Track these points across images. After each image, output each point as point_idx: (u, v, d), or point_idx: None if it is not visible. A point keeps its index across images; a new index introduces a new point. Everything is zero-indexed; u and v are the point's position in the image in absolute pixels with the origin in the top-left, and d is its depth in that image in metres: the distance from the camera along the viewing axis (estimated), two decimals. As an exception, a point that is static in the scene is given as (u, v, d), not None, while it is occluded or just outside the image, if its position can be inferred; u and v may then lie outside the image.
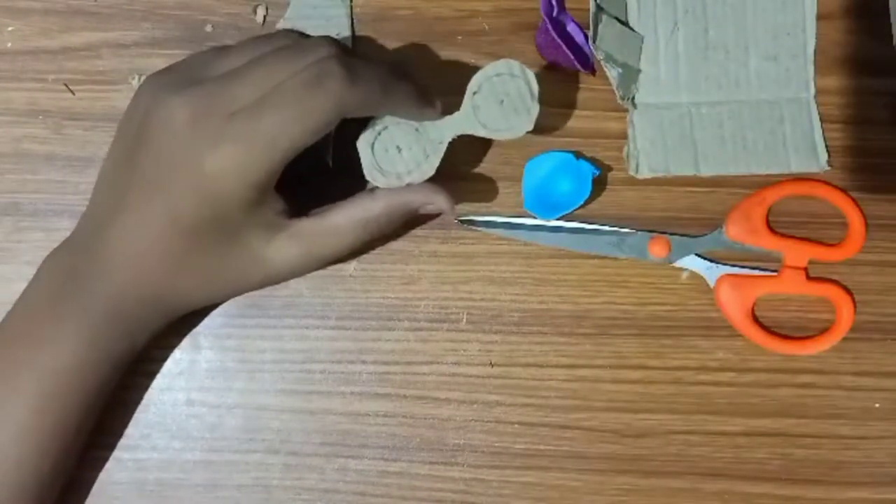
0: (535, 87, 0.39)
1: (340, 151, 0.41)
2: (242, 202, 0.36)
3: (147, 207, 0.37)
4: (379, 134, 0.39)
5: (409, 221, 0.42)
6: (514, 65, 0.39)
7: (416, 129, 0.39)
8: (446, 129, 0.39)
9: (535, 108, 0.39)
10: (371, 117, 0.39)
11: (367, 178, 0.39)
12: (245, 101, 0.35)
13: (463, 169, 0.44)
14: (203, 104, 0.35)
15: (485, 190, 0.44)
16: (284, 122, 0.35)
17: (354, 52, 0.44)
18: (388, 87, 0.37)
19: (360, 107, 0.37)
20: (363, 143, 0.39)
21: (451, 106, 0.39)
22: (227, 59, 0.38)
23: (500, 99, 0.39)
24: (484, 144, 0.43)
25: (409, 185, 0.40)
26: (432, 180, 0.40)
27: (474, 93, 0.39)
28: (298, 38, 0.40)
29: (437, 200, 0.40)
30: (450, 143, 0.39)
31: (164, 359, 0.42)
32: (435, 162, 0.39)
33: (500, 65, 0.39)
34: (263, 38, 0.39)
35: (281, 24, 0.44)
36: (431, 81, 0.43)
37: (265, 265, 0.39)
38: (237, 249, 0.38)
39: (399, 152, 0.39)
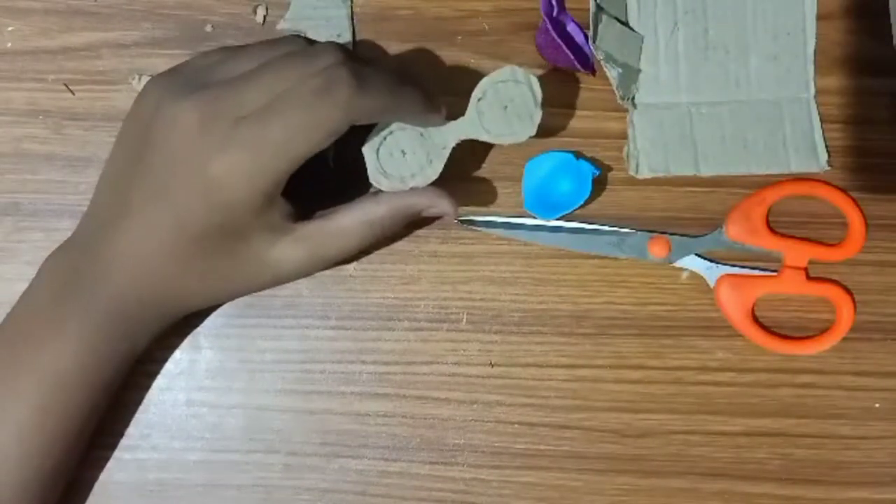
0: (539, 93, 0.39)
1: (343, 153, 0.41)
2: (249, 207, 0.36)
3: (152, 211, 0.37)
4: (384, 139, 0.39)
5: (411, 223, 0.42)
6: (519, 71, 0.39)
7: (421, 134, 0.39)
8: (450, 134, 0.40)
9: (538, 114, 0.39)
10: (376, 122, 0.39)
11: (372, 181, 0.40)
12: (253, 107, 0.35)
13: (463, 169, 0.44)
14: (211, 108, 0.35)
15: (485, 190, 0.44)
16: (293, 129, 0.35)
17: (357, 54, 0.43)
18: (395, 94, 0.37)
19: (369, 114, 0.37)
20: (369, 149, 0.39)
21: (452, 104, 0.40)
22: (235, 62, 0.38)
23: (504, 105, 0.39)
24: (485, 145, 0.43)
25: (412, 188, 0.40)
26: (435, 183, 0.40)
27: (479, 99, 0.39)
28: (305, 43, 0.40)
29: (440, 204, 0.40)
30: (453, 147, 0.40)
31: (165, 359, 0.42)
32: (439, 166, 0.40)
33: (505, 71, 0.39)
34: (270, 43, 0.39)
35: (281, 25, 0.44)
36: (431, 81, 0.43)
37: (270, 268, 0.39)
38: (242, 253, 0.38)
39: (403, 156, 0.39)
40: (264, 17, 0.45)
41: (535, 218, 0.43)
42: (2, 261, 0.43)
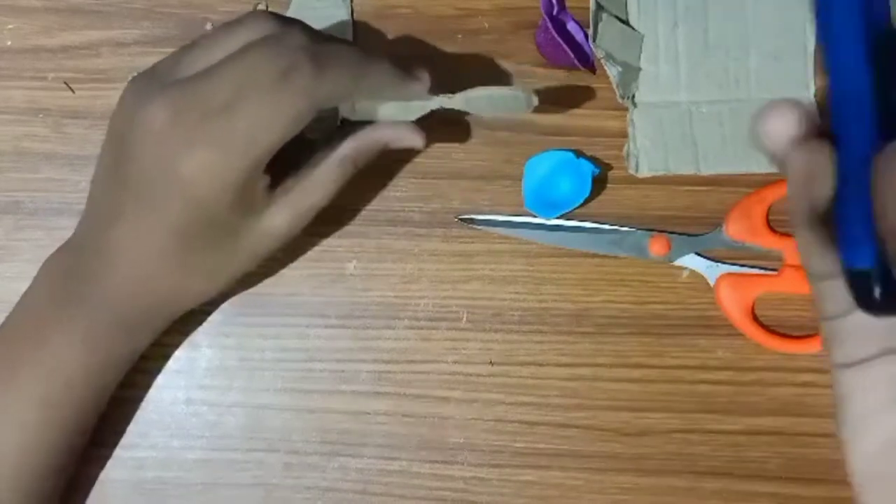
0: (534, 101, 0.40)
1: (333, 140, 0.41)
2: (225, 202, 0.36)
3: (138, 212, 0.37)
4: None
5: (409, 219, 0.42)
6: (517, 93, 0.40)
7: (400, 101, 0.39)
8: (433, 101, 0.39)
9: (529, 109, 0.40)
10: None
11: (342, 113, 0.39)
12: (219, 100, 0.35)
13: (463, 167, 0.44)
14: (177, 106, 0.35)
15: (485, 189, 0.44)
16: (257, 120, 0.35)
17: (322, 34, 0.40)
18: (360, 73, 0.37)
19: (334, 96, 0.37)
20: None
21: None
22: (202, 53, 0.37)
23: (493, 102, 0.40)
24: (484, 143, 0.43)
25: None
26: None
27: (470, 94, 0.39)
28: (271, 20, 0.38)
29: (408, 136, 0.39)
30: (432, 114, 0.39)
31: (164, 357, 0.42)
32: (414, 116, 0.39)
33: (509, 90, 0.40)
34: (233, 27, 0.38)
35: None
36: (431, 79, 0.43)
37: (261, 240, 0.39)
38: (231, 237, 0.38)
39: (378, 111, 0.39)
40: (264, 15, 0.44)
41: (535, 217, 0.43)
42: (2, 259, 0.43)
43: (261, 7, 0.44)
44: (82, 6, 0.45)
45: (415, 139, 0.40)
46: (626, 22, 0.43)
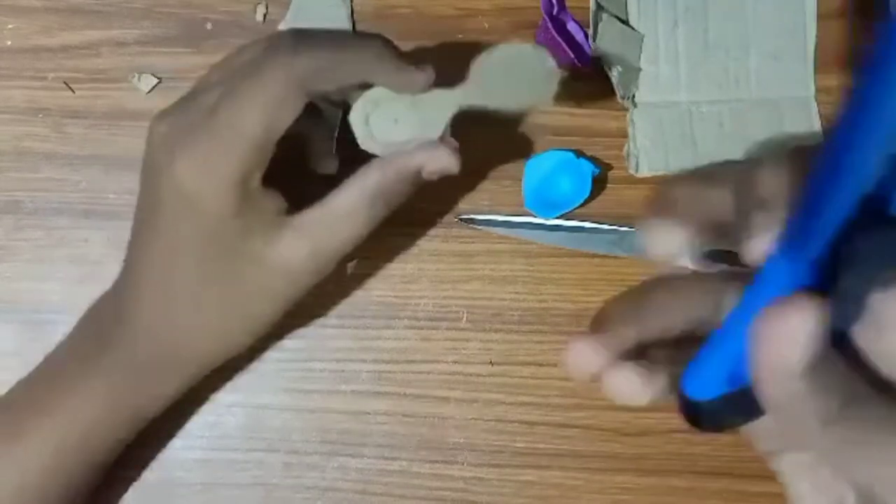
0: (552, 62, 0.36)
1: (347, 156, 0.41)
2: (227, 206, 0.34)
3: (155, 240, 0.36)
4: (376, 106, 0.36)
5: (409, 219, 0.42)
6: (527, 47, 0.36)
7: (414, 105, 0.36)
8: (447, 103, 0.36)
9: (552, 85, 0.36)
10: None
11: (362, 147, 0.37)
12: (207, 105, 0.34)
13: (463, 167, 0.43)
14: (171, 119, 0.35)
15: (485, 188, 0.44)
16: (239, 107, 0.33)
17: None
18: (344, 45, 0.35)
19: (318, 72, 0.34)
20: (356, 116, 0.36)
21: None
22: (212, 73, 0.37)
23: (510, 75, 0.36)
24: (484, 143, 0.43)
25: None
26: None
27: (480, 68, 0.37)
28: (288, 38, 0.36)
29: (440, 157, 0.36)
30: (454, 121, 0.37)
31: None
32: (434, 135, 0.37)
33: (509, 46, 0.36)
34: (246, 48, 0.37)
35: (282, 25, 0.44)
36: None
37: (279, 271, 0.36)
38: (245, 264, 0.35)
39: (395, 124, 0.36)
40: (264, 15, 0.44)
41: (535, 216, 0.43)
42: (2, 259, 0.43)
43: (260, 7, 0.44)
44: (82, 6, 0.45)
45: (450, 160, 0.36)
46: (626, 22, 0.43)
